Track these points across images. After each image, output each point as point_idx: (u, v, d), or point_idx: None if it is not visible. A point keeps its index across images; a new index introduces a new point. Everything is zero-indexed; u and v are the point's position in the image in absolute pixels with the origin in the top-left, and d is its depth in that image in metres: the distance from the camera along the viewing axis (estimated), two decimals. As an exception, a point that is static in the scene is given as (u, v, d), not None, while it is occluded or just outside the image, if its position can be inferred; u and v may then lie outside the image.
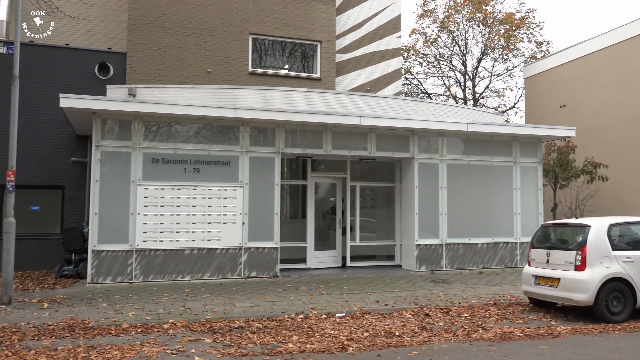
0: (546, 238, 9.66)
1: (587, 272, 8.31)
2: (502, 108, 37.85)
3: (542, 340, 7.20)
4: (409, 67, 36.14)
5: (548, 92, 27.18)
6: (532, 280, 9.20)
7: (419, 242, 13.88)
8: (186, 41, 17.16)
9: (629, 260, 8.45)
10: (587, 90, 24.63)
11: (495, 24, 34.22)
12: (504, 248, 14.70)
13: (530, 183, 15.18)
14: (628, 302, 8.37)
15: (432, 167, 14.24)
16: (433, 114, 15.23)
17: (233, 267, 12.33)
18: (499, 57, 35.84)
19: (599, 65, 24.02)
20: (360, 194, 15.24)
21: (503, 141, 14.96)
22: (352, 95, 15.73)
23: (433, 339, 7.16)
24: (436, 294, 10.64)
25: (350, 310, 8.89)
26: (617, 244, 8.64)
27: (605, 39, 23.99)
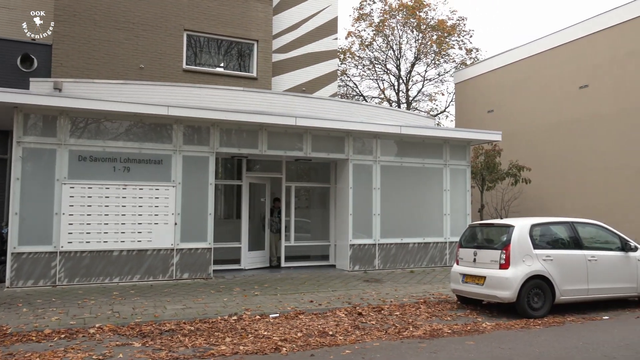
0: (473, 238, 10.04)
1: (510, 270, 8.71)
2: (434, 112, 39.03)
3: (469, 336, 7.48)
4: (345, 69, 36.58)
5: (477, 97, 28.31)
6: (460, 278, 9.53)
7: (352, 242, 14.06)
8: (117, 35, 16.58)
9: (549, 259, 8.93)
10: (512, 96, 25.85)
11: (428, 30, 35.23)
12: (434, 248, 15.16)
13: (459, 185, 15.73)
14: (547, 298, 8.84)
15: (366, 169, 14.47)
16: (368, 116, 15.49)
17: (164, 268, 12.02)
18: (431, 62, 36.92)
19: (524, 73, 25.25)
20: (296, 194, 15.27)
21: (434, 144, 15.42)
22: (288, 96, 15.74)
23: (366, 338, 7.27)
24: (369, 293, 10.81)
25: (284, 311, 8.88)
26: (538, 243, 9.10)
27: (529, 48, 25.26)
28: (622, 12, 20.85)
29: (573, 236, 9.44)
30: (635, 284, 9.58)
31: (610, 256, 9.53)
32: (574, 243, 9.37)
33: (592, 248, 9.46)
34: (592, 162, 21.54)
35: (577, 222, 9.77)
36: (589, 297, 9.26)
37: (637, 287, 9.60)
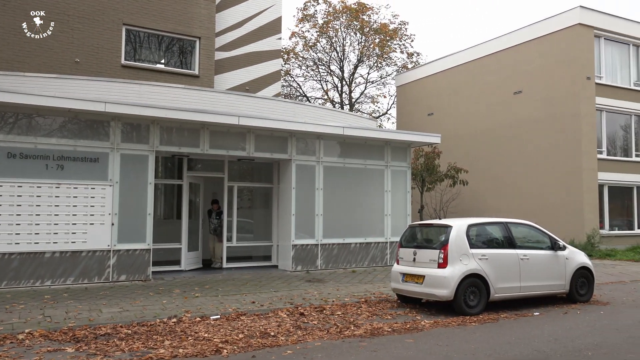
0: (413, 238, 10.26)
1: (448, 269, 8.96)
2: (376, 114, 39.64)
3: (409, 334, 7.63)
4: (288, 70, 36.56)
5: (417, 100, 28.98)
6: (400, 277, 9.72)
7: (295, 242, 14.07)
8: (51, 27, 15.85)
9: (484, 258, 9.25)
10: (451, 100, 26.62)
11: (371, 33, 35.74)
12: (376, 247, 15.39)
13: (400, 186, 16.05)
14: (483, 296, 9.15)
15: (309, 169, 14.51)
16: (311, 117, 15.53)
17: (100, 270, 11.60)
18: (374, 65, 37.47)
19: (462, 78, 26.06)
20: (238, 194, 15.11)
21: (376, 145, 15.66)
22: (231, 95, 15.57)
23: (307, 338, 7.29)
24: (311, 293, 10.85)
25: (226, 312, 8.77)
26: (475, 243, 9.41)
27: (467, 54, 26.10)
28: (553, 22, 21.91)
29: (507, 236, 9.82)
30: (564, 281, 10.07)
31: (540, 255, 9.98)
32: (508, 242, 9.75)
33: (524, 247, 9.87)
34: (525, 164, 22.51)
35: (510, 222, 10.18)
36: (521, 295, 9.66)
37: (565, 284, 10.09)
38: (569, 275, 10.11)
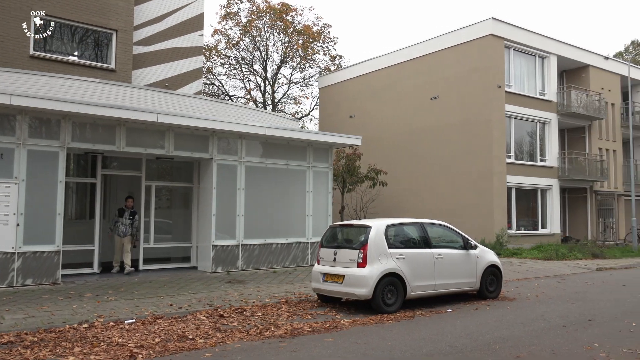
0: (334, 238, 10.39)
1: (367, 268, 9.15)
2: (299, 115, 39.83)
3: (328, 333, 7.72)
4: (210, 67, 35.94)
5: (339, 102, 29.39)
6: (320, 277, 9.81)
7: (215, 243, 13.84)
8: (-51, 11, 14.65)
9: (402, 257, 9.53)
10: (372, 103, 27.23)
11: (294, 34, 35.85)
12: (297, 248, 15.46)
13: (322, 186, 16.21)
14: (400, 294, 9.42)
15: (231, 169, 14.32)
16: (233, 116, 15.35)
17: (3, 274, 10.83)
18: (297, 66, 37.62)
19: (383, 82, 26.72)
20: (156, 194, 14.65)
21: (299, 146, 15.72)
22: (150, 91, 15.06)
23: (227, 340, 7.18)
24: (231, 294, 10.71)
25: (142, 316, 8.46)
26: (393, 243, 9.67)
27: (388, 59, 26.79)
28: (467, 32, 22.98)
29: (423, 236, 10.18)
30: (475, 279, 10.58)
31: (454, 254, 10.42)
32: (424, 242, 10.11)
33: (439, 247, 10.27)
34: (441, 167, 23.43)
35: (426, 222, 10.56)
36: (436, 292, 10.04)
37: (476, 282, 10.61)
38: (480, 273, 10.63)
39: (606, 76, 27.12)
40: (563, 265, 17.40)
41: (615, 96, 27.53)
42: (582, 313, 9.27)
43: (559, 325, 8.19)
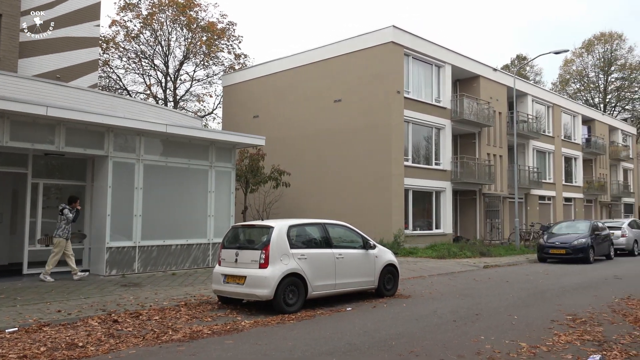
0: (236, 239, 10.28)
1: (269, 269, 9.14)
2: (202, 113, 38.99)
3: (229, 335, 7.61)
4: (107, 60, 34.22)
5: (243, 102, 29.14)
6: (221, 279, 9.65)
7: (110, 244, 13.17)
8: None
9: (303, 257, 9.61)
10: (276, 104, 27.26)
11: (198, 31, 35.06)
12: (198, 249, 15.10)
13: (224, 187, 15.97)
14: (301, 294, 9.50)
15: (128, 167, 13.71)
16: (132, 112, 14.71)
17: None
18: (200, 63, 36.83)
19: (287, 83, 26.85)
20: (45, 192, 13.68)
21: (201, 145, 15.38)
22: (38, 82, 14.04)
23: (121, 346, 6.86)
24: (127, 298, 10.25)
25: (25, 324, 7.86)
26: (295, 243, 9.73)
27: (292, 60, 26.96)
28: (369, 38, 23.70)
29: (324, 236, 10.34)
30: (373, 278, 10.91)
31: (354, 254, 10.68)
32: (325, 242, 10.27)
33: (340, 247, 10.48)
34: (343, 168, 23.94)
35: (328, 223, 10.74)
36: (336, 291, 10.24)
37: (374, 281, 10.95)
38: (378, 272, 10.99)
39: (494, 86, 29.14)
40: (454, 263, 18.44)
41: (502, 105, 29.64)
42: (471, 308, 9.87)
43: (449, 321, 8.66)
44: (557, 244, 19.74)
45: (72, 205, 12.59)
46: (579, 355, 6.50)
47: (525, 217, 31.56)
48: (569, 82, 58.86)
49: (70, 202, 12.62)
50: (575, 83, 58.65)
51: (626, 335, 7.62)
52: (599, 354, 6.53)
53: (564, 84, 59.13)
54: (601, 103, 56.08)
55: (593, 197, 40.29)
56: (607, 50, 56.00)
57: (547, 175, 34.54)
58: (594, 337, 7.48)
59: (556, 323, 8.46)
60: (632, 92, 56.29)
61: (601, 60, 56.33)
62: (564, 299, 10.94)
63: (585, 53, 57.24)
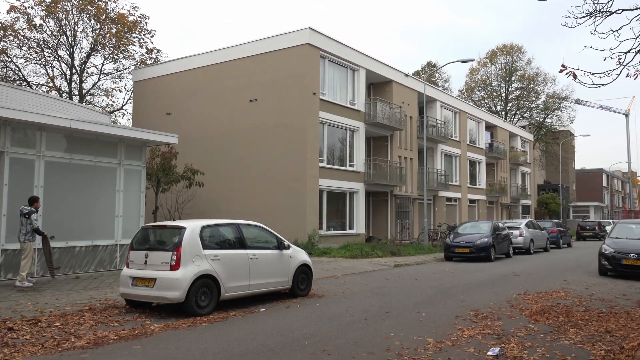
0: (145, 240, 9.91)
1: (181, 271, 8.89)
2: (110, 108, 37.31)
3: (137, 340, 7.32)
4: (4, 48, 31.86)
5: (156, 98, 28.22)
6: (129, 281, 9.27)
7: (5, 247, 12.25)
8: None
9: (217, 258, 9.45)
10: (191, 101, 26.63)
11: (107, 22, 33.52)
12: (104, 251, 14.41)
13: (134, 186, 15.35)
14: (214, 296, 9.33)
15: (27, 164, 12.81)
16: (32, 105, 13.78)
17: None
18: (109, 56, 35.23)
19: (203, 80, 26.32)
20: None
21: (109, 142, 14.69)
22: None
23: (16, 356, 6.39)
24: (24, 304, 9.57)
25: None
26: (208, 244, 9.54)
27: (208, 57, 26.47)
28: (286, 39, 23.76)
29: (238, 237, 10.22)
30: (287, 278, 10.93)
31: (268, 254, 10.65)
32: (239, 243, 10.15)
33: (254, 247, 10.40)
34: (259, 169, 23.82)
35: (242, 223, 10.62)
36: (250, 292, 10.15)
37: (288, 281, 10.97)
38: (292, 272, 11.02)
39: (406, 91, 30.19)
40: (366, 262, 18.88)
41: (413, 110, 30.78)
42: (381, 306, 10.14)
43: (361, 319, 8.85)
44: (462, 244, 20.76)
45: (35, 206, 12.02)
46: (480, 348, 6.87)
47: (433, 217, 32.95)
48: (474, 89, 62.17)
49: (31, 202, 11.97)
50: (480, 91, 62.03)
51: (522, 328, 8.15)
52: (498, 346, 6.94)
53: (469, 91, 62.36)
54: (503, 110, 59.70)
55: (495, 199, 42.82)
56: (508, 61, 59.72)
57: (453, 178, 36.28)
58: (494, 330, 7.93)
59: (460, 319, 8.90)
60: (530, 101, 60.41)
61: (503, 71, 59.98)
62: (467, 296, 11.53)
63: (489, 63, 60.70)
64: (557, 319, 8.85)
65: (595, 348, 6.94)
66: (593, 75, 7.34)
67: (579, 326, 8.28)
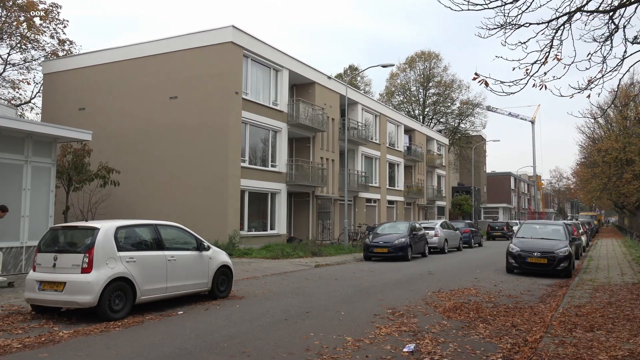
0: (55, 241, 9.38)
1: (93, 274, 8.49)
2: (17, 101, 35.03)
3: (43, 347, 6.91)
4: None
5: (68, 92, 26.81)
6: (36, 286, 8.74)
7: None
8: None
9: (132, 260, 9.10)
10: (106, 97, 25.52)
11: (15, 9, 31.45)
12: (8, 253, 13.46)
13: (42, 184, 14.47)
14: (129, 300, 8.98)
15: None
16: None
17: None
18: (16, 45, 33.08)
19: (119, 76, 25.31)
20: None
21: (15, 137, 13.75)
22: None
23: None
24: None
25: None
26: (123, 246, 9.18)
27: (125, 52, 25.50)
28: (208, 36, 23.35)
29: (156, 238, 9.90)
30: (207, 280, 10.73)
31: (187, 256, 10.40)
32: (157, 244, 9.84)
33: (172, 249, 10.12)
34: (178, 168, 23.22)
35: (160, 224, 10.30)
36: (168, 295, 9.87)
37: (208, 282, 10.77)
38: (212, 274, 10.84)
39: (329, 94, 30.56)
40: (287, 263, 18.91)
41: (335, 112, 31.20)
42: (302, 306, 10.20)
43: (281, 320, 8.86)
44: (381, 244, 21.28)
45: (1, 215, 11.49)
46: (397, 345, 7.08)
47: (354, 218, 33.56)
48: (394, 94, 64.00)
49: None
50: (399, 95, 63.93)
51: (436, 324, 8.48)
52: (414, 343, 7.18)
53: (389, 95, 64.12)
54: (420, 115, 61.88)
55: (412, 200, 44.29)
56: (426, 67, 62.02)
57: (373, 180, 37.15)
58: (410, 328, 8.20)
59: (378, 317, 9.12)
60: (446, 106, 63.04)
61: (421, 76, 62.21)
62: (385, 294, 11.84)
63: (408, 69, 62.72)
64: (468, 315, 9.29)
65: (502, 342, 7.35)
66: (503, 84, 7.78)
67: (488, 321, 8.73)
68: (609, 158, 43.85)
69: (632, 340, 7.12)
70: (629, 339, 7.23)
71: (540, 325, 8.43)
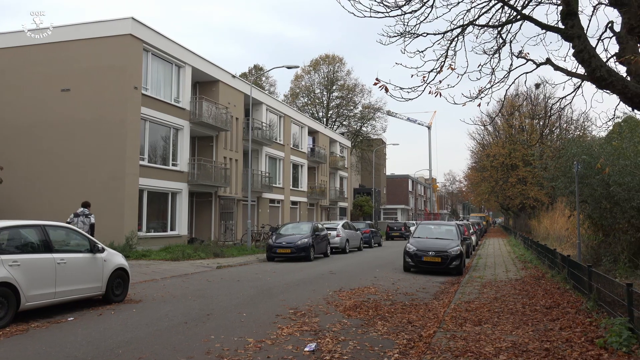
0: None
1: (-30, 279, 7.75)
2: None
3: None
4: None
5: (-58, 80, 24.32)
6: None
7: None
8: None
9: (16, 264, 8.42)
10: (-12, 87, 23.49)
11: None
12: None
13: None
14: (12, 306, 8.29)
15: None
16: None
17: None
18: None
19: (3, 63, 23.41)
20: None
21: None
22: None
23: None
24: None
25: None
26: (6, 248, 8.48)
27: (9, 39, 23.65)
28: (106, 27, 22.23)
29: (44, 240, 9.23)
30: (100, 283, 10.18)
31: (79, 258, 9.80)
32: (45, 247, 9.17)
33: (62, 251, 9.49)
34: (71, 165, 21.87)
35: (48, 225, 9.61)
36: (57, 300, 9.23)
37: (102, 287, 10.22)
38: (106, 277, 10.30)
39: (233, 93, 30.19)
40: (188, 265, 18.42)
41: (240, 111, 30.89)
42: (202, 309, 9.97)
43: (181, 323, 8.61)
44: (284, 244, 21.35)
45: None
46: (299, 345, 7.13)
47: (257, 219, 33.40)
48: (299, 95, 64.53)
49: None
50: (303, 97, 64.55)
51: (337, 323, 8.65)
52: (315, 342, 7.27)
53: (294, 96, 64.57)
54: (324, 117, 62.89)
55: (315, 201, 44.89)
56: (330, 70, 63.16)
57: (277, 180, 37.20)
58: (312, 327, 8.30)
59: (280, 317, 9.14)
60: (349, 110, 64.59)
61: (325, 79, 63.26)
62: (287, 295, 11.89)
63: (312, 71, 63.53)
64: (368, 313, 9.57)
65: (399, 338, 7.64)
66: (402, 90, 8.11)
67: (386, 319, 9.05)
68: (497, 163, 47.19)
69: (515, 332, 7.70)
70: (512, 331, 7.81)
71: (434, 321, 8.88)
